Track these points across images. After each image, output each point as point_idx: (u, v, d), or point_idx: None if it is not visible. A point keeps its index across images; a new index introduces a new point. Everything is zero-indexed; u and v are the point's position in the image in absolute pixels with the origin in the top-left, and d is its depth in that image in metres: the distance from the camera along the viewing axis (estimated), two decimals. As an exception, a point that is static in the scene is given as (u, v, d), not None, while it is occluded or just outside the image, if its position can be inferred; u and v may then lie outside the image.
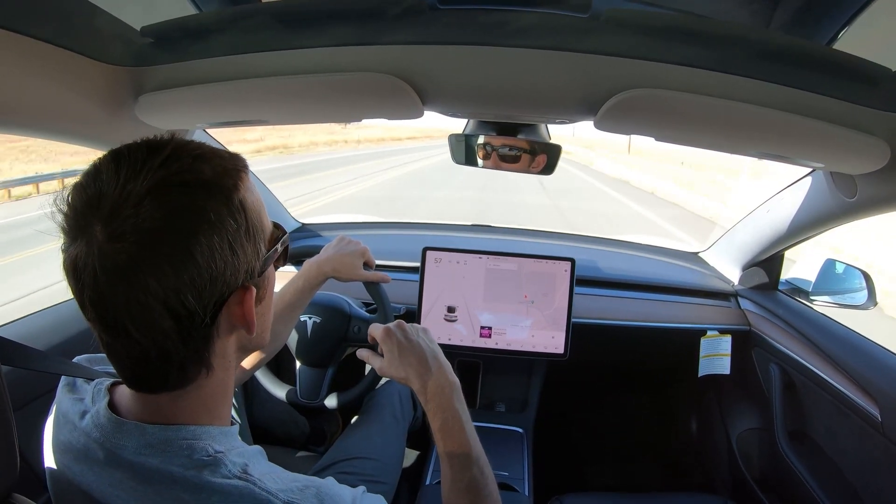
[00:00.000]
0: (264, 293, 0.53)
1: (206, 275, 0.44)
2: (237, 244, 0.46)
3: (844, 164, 0.85)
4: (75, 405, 0.53)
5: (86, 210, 0.42)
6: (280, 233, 0.55)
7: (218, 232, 0.44)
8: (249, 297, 0.48)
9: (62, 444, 0.52)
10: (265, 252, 0.51)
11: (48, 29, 0.64)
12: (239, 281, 0.47)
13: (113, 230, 0.41)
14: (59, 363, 0.60)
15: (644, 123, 0.81)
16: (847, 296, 1.34)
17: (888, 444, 1.04)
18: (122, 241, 0.41)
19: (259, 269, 0.50)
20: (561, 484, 1.34)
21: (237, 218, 0.46)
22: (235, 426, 0.54)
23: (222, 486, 0.46)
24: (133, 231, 0.41)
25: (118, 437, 0.48)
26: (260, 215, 0.50)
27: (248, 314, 0.49)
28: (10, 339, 0.59)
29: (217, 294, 0.45)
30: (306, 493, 0.49)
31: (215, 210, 0.44)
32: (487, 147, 1.11)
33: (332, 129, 28.60)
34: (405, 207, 10.45)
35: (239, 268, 0.47)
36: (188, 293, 0.43)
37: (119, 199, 0.41)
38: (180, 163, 0.44)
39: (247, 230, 0.47)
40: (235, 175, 0.48)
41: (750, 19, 0.77)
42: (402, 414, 1.29)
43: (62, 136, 0.87)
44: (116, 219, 0.41)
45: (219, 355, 0.50)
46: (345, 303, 1.26)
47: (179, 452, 0.47)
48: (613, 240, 1.96)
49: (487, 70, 0.74)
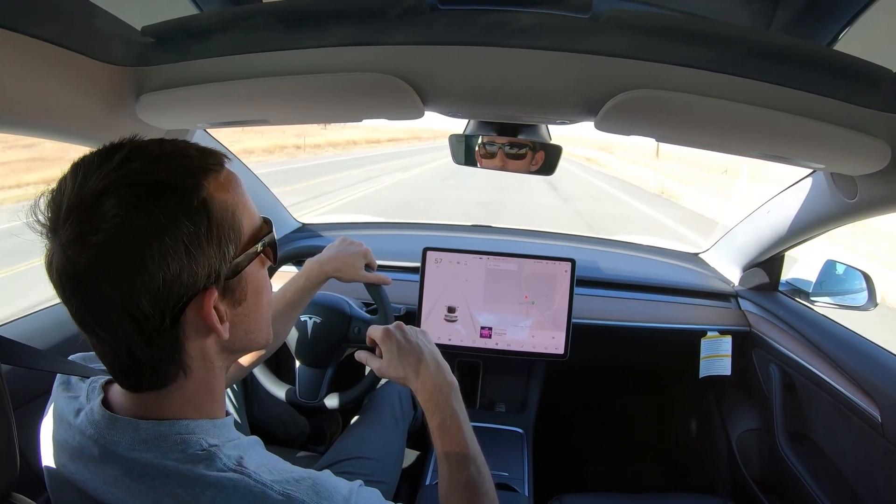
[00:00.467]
0: (243, 295, 0.51)
1: (157, 279, 0.43)
2: (195, 247, 0.44)
3: (845, 165, 0.85)
4: (70, 403, 0.54)
5: (52, 216, 0.43)
6: (261, 231, 0.53)
7: (170, 234, 0.43)
8: (209, 300, 0.47)
9: (58, 443, 0.52)
10: (234, 253, 0.49)
11: (49, 28, 0.65)
12: (200, 284, 0.46)
13: (72, 234, 0.42)
14: (55, 361, 0.61)
15: (645, 124, 0.81)
16: (847, 297, 1.34)
17: (888, 445, 1.04)
18: (80, 245, 0.41)
19: (228, 272, 0.48)
20: (561, 484, 1.34)
21: (195, 219, 0.44)
22: (229, 418, 0.54)
23: (217, 479, 0.46)
24: (88, 234, 0.41)
25: (112, 434, 0.48)
26: (233, 214, 0.48)
27: (207, 317, 0.47)
28: (8, 337, 0.60)
29: (174, 298, 0.44)
30: (302, 485, 0.49)
31: (167, 212, 0.43)
32: (488, 147, 1.11)
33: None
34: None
35: (198, 270, 0.45)
36: (141, 297, 0.43)
37: (75, 203, 0.42)
38: (135, 164, 0.44)
39: (209, 232, 0.45)
40: (200, 174, 0.46)
41: (751, 20, 0.77)
42: (402, 414, 1.29)
43: (63, 135, 0.88)
44: (74, 221, 0.42)
45: (195, 357, 0.49)
46: (345, 303, 1.26)
47: (174, 447, 0.47)
48: (614, 240, 1.96)
49: (488, 70, 0.74)
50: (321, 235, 1.84)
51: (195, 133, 1.19)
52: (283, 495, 0.47)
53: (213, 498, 0.46)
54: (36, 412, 0.66)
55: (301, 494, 0.47)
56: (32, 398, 0.90)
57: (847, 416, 1.15)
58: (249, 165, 1.63)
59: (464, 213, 9.26)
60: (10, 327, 1.00)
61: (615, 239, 1.97)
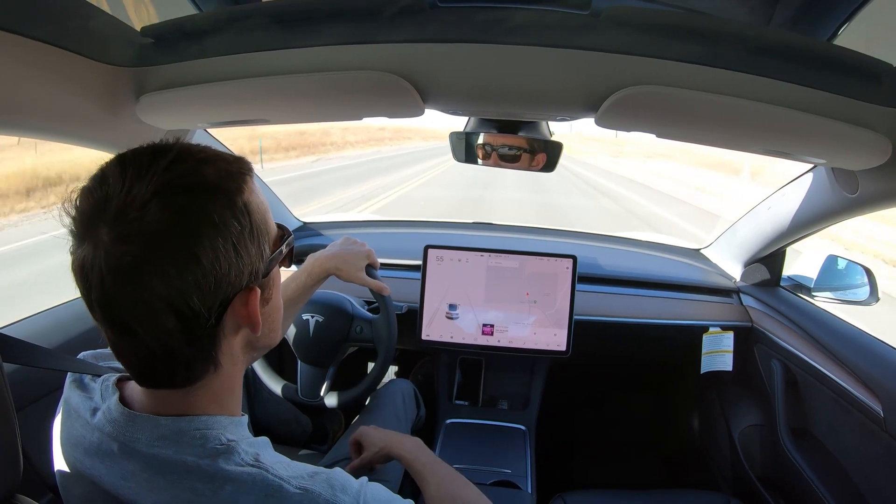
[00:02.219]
0: (270, 294, 0.54)
1: (210, 276, 0.44)
2: (241, 246, 0.46)
3: (846, 159, 0.85)
4: (85, 402, 0.54)
5: (92, 213, 0.43)
6: (285, 234, 0.56)
7: (222, 234, 0.45)
8: (254, 297, 0.49)
9: (74, 439, 0.53)
10: (269, 254, 0.51)
11: (48, 30, 0.64)
12: (243, 282, 0.48)
13: (118, 233, 0.42)
14: (64, 360, 0.61)
15: (645, 120, 0.81)
16: (849, 292, 1.34)
17: (890, 440, 1.04)
18: (128, 243, 0.41)
19: (264, 271, 0.51)
20: (563, 481, 1.35)
21: (241, 220, 0.46)
22: (244, 417, 0.55)
23: (236, 473, 0.47)
24: (138, 233, 0.41)
25: (132, 431, 0.49)
26: (265, 217, 0.51)
27: (252, 315, 0.49)
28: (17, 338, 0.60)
29: (222, 295, 0.46)
30: (317, 479, 0.50)
31: (219, 212, 0.45)
32: (487, 147, 1.11)
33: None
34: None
35: (243, 269, 0.47)
36: (193, 294, 0.44)
37: (124, 203, 0.42)
38: (184, 166, 0.45)
39: (251, 232, 0.48)
40: (239, 178, 0.48)
41: (751, 15, 0.77)
42: (405, 412, 1.29)
43: (64, 137, 0.88)
44: (122, 221, 0.42)
45: (226, 353, 0.51)
46: (347, 302, 1.26)
47: (193, 442, 0.48)
48: (615, 237, 1.95)
49: (488, 68, 0.74)
50: (322, 234, 1.84)
51: (195, 133, 1.19)
52: (301, 489, 0.48)
53: (232, 492, 0.46)
54: (38, 414, 0.66)
55: (317, 487, 0.49)
56: (34, 400, 0.90)
57: (849, 411, 1.15)
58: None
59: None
60: (13, 328, 1.00)
61: (616, 235, 1.96)
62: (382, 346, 1.18)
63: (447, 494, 0.77)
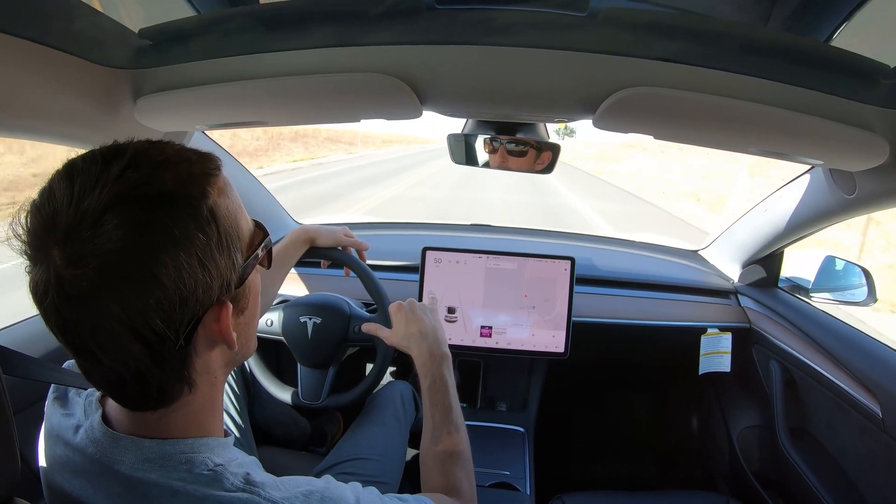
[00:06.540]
0: (245, 303, 0.50)
1: (174, 296, 0.40)
2: (208, 259, 0.42)
3: (843, 160, 0.85)
4: (66, 420, 0.52)
5: (41, 233, 0.39)
6: (260, 235, 0.51)
7: (185, 249, 0.41)
8: (226, 312, 0.45)
9: (58, 460, 0.50)
10: (242, 261, 0.47)
11: (46, 32, 0.64)
12: (213, 297, 0.44)
13: (70, 254, 0.38)
14: (51, 371, 0.59)
15: (643, 122, 0.81)
16: (847, 293, 1.34)
17: (889, 440, 1.04)
18: (80, 266, 0.38)
19: (237, 281, 0.47)
20: (562, 482, 1.34)
21: (206, 230, 0.42)
22: (230, 437, 0.53)
23: (227, 499, 0.45)
24: (91, 255, 0.38)
25: (114, 452, 0.46)
26: (236, 220, 0.47)
27: (225, 331, 0.46)
28: (5, 345, 0.59)
29: (189, 314, 0.42)
30: (311, 499, 0.48)
31: (180, 225, 0.41)
32: (495, 142, 1.11)
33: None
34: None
35: (212, 283, 0.43)
36: (155, 317, 0.40)
37: (74, 219, 0.38)
38: (139, 173, 0.40)
39: (218, 242, 0.44)
40: (203, 180, 0.44)
41: (748, 16, 0.77)
42: (404, 414, 1.29)
43: (61, 139, 0.87)
44: (73, 241, 0.38)
45: (201, 372, 0.47)
46: (344, 303, 1.26)
47: (179, 466, 0.46)
48: (613, 238, 1.96)
49: (485, 69, 0.74)
50: None
51: (192, 135, 1.19)
52: None
53: None
54: (36, 416, 0.66)
55: None
56: (32, 402, 0.89)
57: (847, 411, 1.15)
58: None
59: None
60: (4, 333, 0.99)
61: (614, 237, 1.96)
62: (381, 345, 1.18)
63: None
